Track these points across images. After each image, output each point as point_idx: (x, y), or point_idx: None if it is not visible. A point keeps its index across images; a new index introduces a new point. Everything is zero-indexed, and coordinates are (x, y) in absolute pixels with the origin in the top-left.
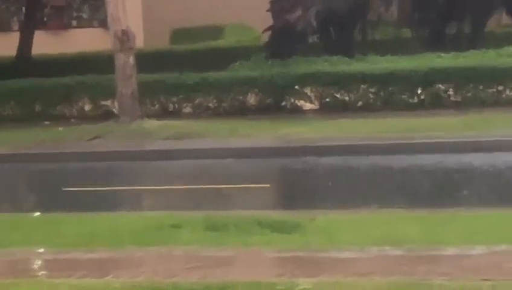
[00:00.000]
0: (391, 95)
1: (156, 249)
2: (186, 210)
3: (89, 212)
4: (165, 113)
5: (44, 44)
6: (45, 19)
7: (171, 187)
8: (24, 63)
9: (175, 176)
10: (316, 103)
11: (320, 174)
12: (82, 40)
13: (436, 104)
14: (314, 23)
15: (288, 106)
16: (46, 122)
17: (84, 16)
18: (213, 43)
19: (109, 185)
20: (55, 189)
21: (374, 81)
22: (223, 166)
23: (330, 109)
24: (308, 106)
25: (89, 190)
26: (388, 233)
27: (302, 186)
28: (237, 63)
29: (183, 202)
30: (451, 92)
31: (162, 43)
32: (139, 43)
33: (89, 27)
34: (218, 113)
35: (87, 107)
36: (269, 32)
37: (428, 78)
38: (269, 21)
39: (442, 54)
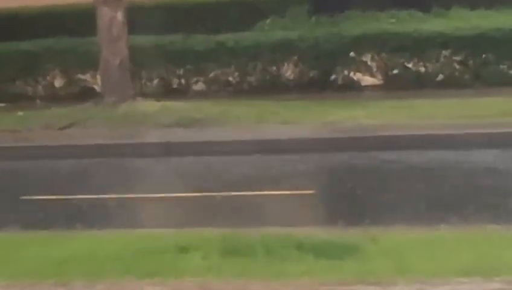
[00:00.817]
0: (484, 65)
1: (156, 281)
2: (197, 227)
3: (61, 230)
4: (167, 91)
5: None
6: None
7: (176, 195)
8: None
9: (181, 180)
10: (379, 76)
11: (385, 175)
12: None
13: None
14: None
15: (339, 81)
16: (1, 105)
17: None
18: None
19: (89, 192)
20: (12, 198)
21: (460, 45)
22: (248, 165)
23: (399, 84)
24: (368, 80)
25: (59, 198)
26: (482, 259)
27: (360, 192)
28: (268, 21)
29: (193, 215)
30: None
31: None
32: None
33: None
34: (241, 91)
35: (57, 83)
36: None
37: None
38: None
39: None
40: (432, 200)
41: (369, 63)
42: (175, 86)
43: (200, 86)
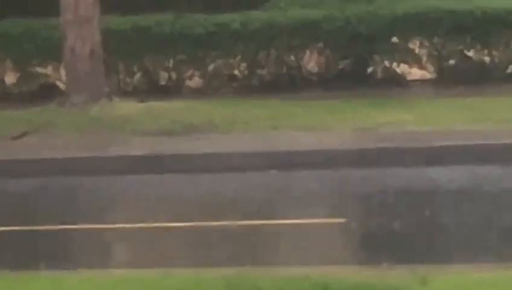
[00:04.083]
0: None
1: None
2: (193, 267)
3: (11, 270)
4: (152, 89)
5: None
6: None
7: (163, 225)
8: None
9: (171, 205)
10: (431, 67)
11: (441, 198)
12: None
13: None
14: None
15: (379, 74)
16: None
17: None
18: None
19: (49, 221)
20: None
21: None
22: (259, 185)
23: (456, 78)
24: (416, 73)
25: (11, 230)
26: None
27: (406, 221)
28: None
29: (186, 251)
30: None
31: None
32: None
33: None
34: (250, 88)
35: (9, 79)
36: None
37: None
38: None
39: None
40: (504, 232)
41: (417, 50)
42: (163, 81)
43: (196, 82)
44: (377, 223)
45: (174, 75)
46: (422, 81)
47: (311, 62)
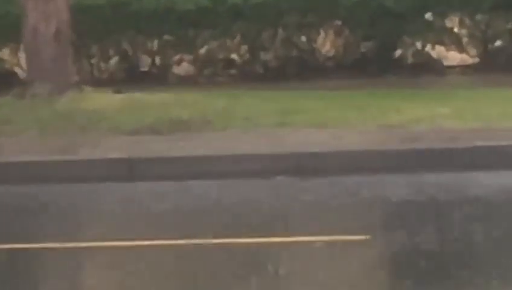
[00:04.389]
0: None
1: None
2: None
3: None
4: (132, 77)
5: None
6: None
7: (148, 243)
8: None
9: (156, 219)
10: (473, 50)
11: (487, 210)
12: None
13: None
14: None
15: (409, 59)
16: None
17: None
18: None
19: (5, 240)
20: None
21: None
22: (264, 194)
23: (504, 63)
24: (454, 57)
25: None
26: None
27: (442, 239)
28: None
29: (177, 277)
30: None
31: None
32: None
33: None
34: (251, 76)
35: None
36: None
37: None
38: None
39: None
40: None
41: (456, 30)
42: (145, 67)
43: (185, 68)
44: (408, 241)
45: (158, 60)
46: (462, 67)
47: (327, 44)
